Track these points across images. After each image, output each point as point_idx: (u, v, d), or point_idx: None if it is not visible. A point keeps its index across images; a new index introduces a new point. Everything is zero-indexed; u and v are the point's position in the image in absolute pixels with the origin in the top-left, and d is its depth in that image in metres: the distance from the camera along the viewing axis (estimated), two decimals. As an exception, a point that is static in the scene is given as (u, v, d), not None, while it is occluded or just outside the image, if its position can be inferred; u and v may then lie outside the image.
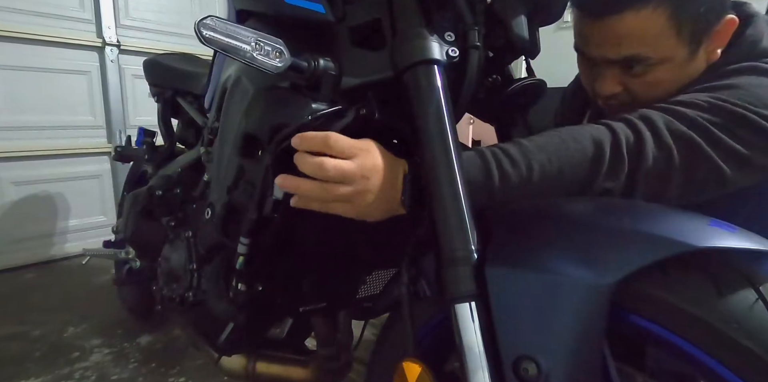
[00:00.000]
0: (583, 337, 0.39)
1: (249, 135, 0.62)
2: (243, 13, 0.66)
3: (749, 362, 0.35)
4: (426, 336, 0.54)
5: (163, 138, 1.28)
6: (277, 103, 0.59)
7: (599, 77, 0.69)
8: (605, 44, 0.65)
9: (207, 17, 0.47)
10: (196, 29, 0.46)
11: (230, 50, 0.48)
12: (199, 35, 0.47)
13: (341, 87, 0.56)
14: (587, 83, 0.74)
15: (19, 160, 2.00)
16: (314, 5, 0.55)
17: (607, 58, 0.66)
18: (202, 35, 0.47)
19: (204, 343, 0.83)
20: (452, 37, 0.52)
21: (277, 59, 0.50)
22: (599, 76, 0.69)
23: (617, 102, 0.70)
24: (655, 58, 0.63)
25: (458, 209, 0.46)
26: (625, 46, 0.63)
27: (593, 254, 0.40)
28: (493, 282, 0.43)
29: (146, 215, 1.06)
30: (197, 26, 0.46)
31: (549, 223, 0.45)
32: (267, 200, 0.60)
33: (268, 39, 0.50)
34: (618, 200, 0.50)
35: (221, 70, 0.79)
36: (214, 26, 0.47)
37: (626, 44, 0.63)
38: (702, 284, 0.38)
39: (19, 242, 2.04)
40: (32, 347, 1.37)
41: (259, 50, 0.49)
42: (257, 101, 0.62)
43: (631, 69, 0.65)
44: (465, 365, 0.42)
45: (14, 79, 1.95)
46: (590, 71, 0.72)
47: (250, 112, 0.62)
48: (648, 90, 0.66)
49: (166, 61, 1.30)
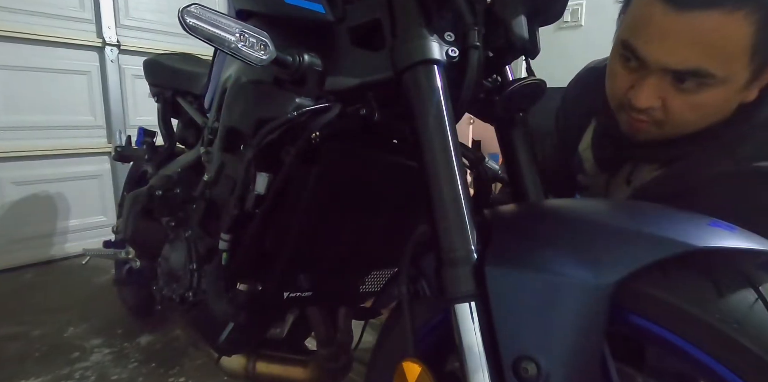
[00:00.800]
0: (583, 337, 0.39)
1: (233, 129, 0.62)
2: (243, 13, 0.66)
3: (749, 362, 0.35)
4: (426, 336, 0.54)
5: (163, 138, 1.28)
6: (261, 97, 0.59)
7: (639, 85, 0.60)
8: (672, 47, 0.56)
9: (191, 5, 0.47)
10: (179, 16, 0.46)
11: (214, 39, 0.48)
12: (183, 23, 0.46)
13: (341, 87, 0.56)
14: (616, 88, 0.65)
15: (19, 160, 2.00)
16: (314, 5, 0.55)
17: (665, 64, 0.57)
18: (185, 23, 0.46)
19: (204, 343, 0.83)
20: (452, 37, 0.52)
21: (261, 52, 0.50)
22: (640, 84, 0.60)
23: (649, 118, 0.62)
24: (718, 77, 0.55)
25: (458, 209, 0.46)
26: (696, 54, 0.54)
27: (593, 254, 0.40)
28: (493, 282, 0.42)
29: (146, 215, 1.06)
30: (180, 13, 0.46)
31: (549, 223, 0.45)
32: (249, 196, 0.60)
33: (254, 31, 0.49)
34: (618, 200, 0.50)
35: (221, 70, 0.79)
36: (199, 14, 0.47)
37: (698, 52, 0.54)
38: (702, 284, 0.38)
39: (19, 242, 2.04)
40: (32, 347, 1.37)
41: (243, 42, 0.49)
42: (243, 95, 0.61)
43: (682, 83, 0.57)
44: (465, 365, 0.42)
45: (14, 79, 1.95)
46: (628, 76, 0.62)
47: (234, 106, 0.62)
48: (688, 112, 0.59)
49: (166, 61, 1.30)
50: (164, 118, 1.28)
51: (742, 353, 0.35)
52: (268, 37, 0.50)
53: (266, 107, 0.57)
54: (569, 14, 2.45)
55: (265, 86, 0.59)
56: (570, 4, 1.93)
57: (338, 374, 0.86)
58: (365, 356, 0.67)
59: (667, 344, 0.39)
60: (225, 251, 0.64)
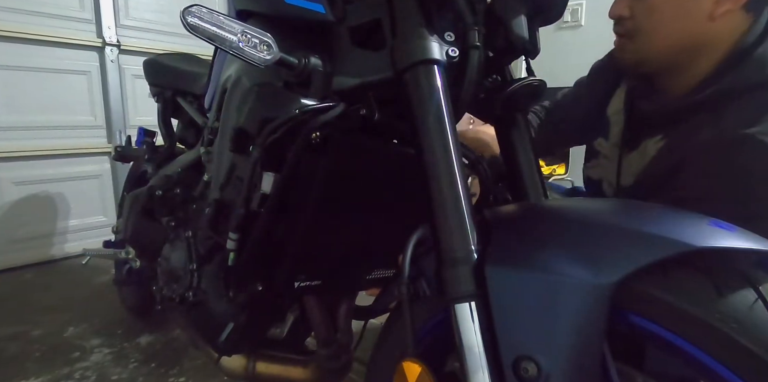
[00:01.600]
0: (583, 337, 0.39)
1: (241, 130, 0.62)
2: (243, 13, 0.66)
3: (749, 362, 0.35)
4: (426, 336, 0.54)
5: (163, 138, 1.28)
6: (267, 98, 0.60)
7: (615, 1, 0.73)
8: None
9: (193, 5, 0.47)
10: (181, 16, 0.46)
11: (216, 39, 0.48)
12: (184, 22, 0.46)
13: (342, 87, 0.56)
14: (611, 13, 0.77)
15: (19, 160, 2.00)
16: (314, 5, 0.55)
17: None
18: (187, 22, 0.46)
19: (204, 343, 0.83)
20: (452, 37, 0.52)
21: (265, 52, 0.50)
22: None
23: (623, 31, 0.72)
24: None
25: (458, 209, 0.46)
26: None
27: (593, 254, 0.40)
28: (493, 282, 0.42)
29: (146, 215, 1.06)
30: (182, 13, 0.46)
31: (549, 223, 0.45)
32: (254, 195, 0.60)
33: (256, 31, 0.49)
34: (618, 200, 0.50)
35: (221, 70, 0.79)
36: (200, 15, 0.47)
37: None
38: (702, 284, 0.38)
39: (19, 242, 2.04)
40: (32, 347, 1.37)
41: (246, 42, 0.49)
42: (249, 97, 0.62)
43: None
44: (465, 365, 0.42)
45: (14, 79, 1.95)
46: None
47: (242, 107, 0.62)
48: (648, 17, 0.69)
49: (166, 61, 1.30)
50: (164, 118, 1.28)
51: (742, 353, 0.35)
52: (271, 38, 0.50)
53: (271, 108, 0.57)
54: (569, 14, 2.45)
55: (269, 87, 0.60)
56: (570, 4, 1.93)
57: (338, 374, 0.86)
58: (365, 356, 0.67)
59: (667, 344, 0.39)
60: (233, 250, 0.64)
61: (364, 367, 0.86)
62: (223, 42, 0.48)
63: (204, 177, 0.84)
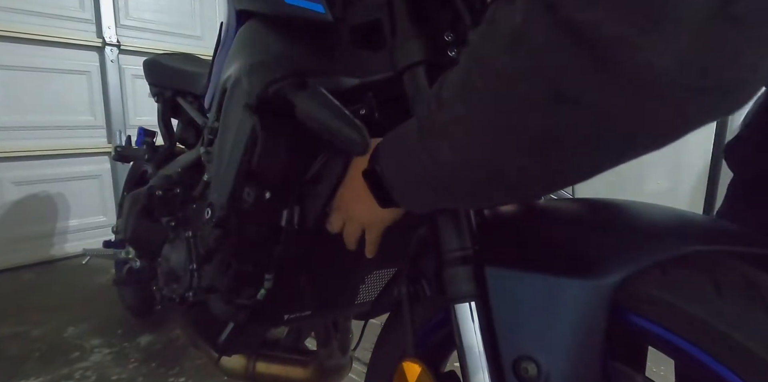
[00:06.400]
0: (583, 337, 0.39)
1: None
2: (243, 14, 0.66)
3: (749, 362, 0.35)
4: (426, 336, 0.54)
5: (163, 138, 1.28)
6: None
7: None
8: None
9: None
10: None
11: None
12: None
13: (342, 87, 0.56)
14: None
15: (19, 160, 2.00)
16: (314, 5, 0.55)
17: None
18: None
19: (204, 343, 0.83)
20: (452, 37, 0.52)
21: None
22: None
23: None
24: None
25: (458, 209, 0.46)
26: None
27: (593, 254, 0.40)
28: (493, 282, 0.42)
29: (146, 215, 1.06)
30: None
31: (549, 223, 0.45)
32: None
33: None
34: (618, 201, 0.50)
35: (221, 70, 0.79)
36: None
37: None
38: (702, 284, 0.38)
39: (19, 242, 2.04)
40: (32, 347, 1.37)
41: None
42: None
43: None
44: (465, 365, 0.42)
45: (14, 79, 1.96)
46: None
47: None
48: None
49: (166, 61, 1.30)
50: (164, 118, 1.28)
51: (742, 353, 0.35)
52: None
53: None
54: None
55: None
56: (570, 4, 1.93)
57: (338, 374, 0.86)
58: (365, 356, 0.67)
59: (667, 344, 0.39)
60: (267, 289, 0.69)
61: (364, 367, 0.86)
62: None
63: (204, 177, 0.84)
